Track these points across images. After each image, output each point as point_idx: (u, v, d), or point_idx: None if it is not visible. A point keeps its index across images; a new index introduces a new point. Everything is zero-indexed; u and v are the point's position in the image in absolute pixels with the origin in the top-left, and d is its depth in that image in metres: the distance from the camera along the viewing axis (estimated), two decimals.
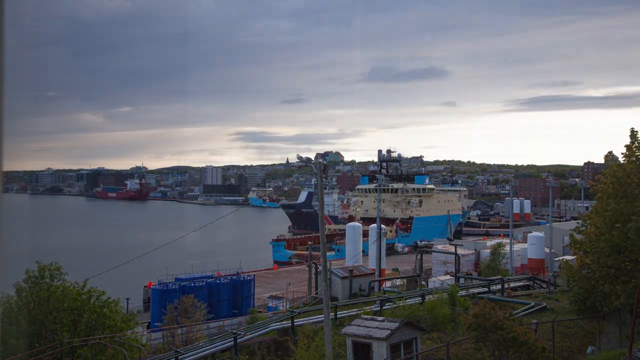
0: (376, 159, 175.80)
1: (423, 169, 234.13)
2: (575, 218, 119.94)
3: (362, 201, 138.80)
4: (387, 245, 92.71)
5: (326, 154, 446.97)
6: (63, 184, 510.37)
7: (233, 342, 30.06)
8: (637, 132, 27.76)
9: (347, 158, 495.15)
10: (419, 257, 56.74)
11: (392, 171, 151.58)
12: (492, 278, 49.30)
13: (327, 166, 36.95)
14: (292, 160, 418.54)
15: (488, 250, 67.25)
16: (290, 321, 34.07)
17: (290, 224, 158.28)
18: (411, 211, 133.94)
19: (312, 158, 25.67)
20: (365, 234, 73.95)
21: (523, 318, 32.95)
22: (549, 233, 65.76)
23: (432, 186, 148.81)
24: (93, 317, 28.79)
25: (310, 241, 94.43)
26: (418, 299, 39.30)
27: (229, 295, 45.05)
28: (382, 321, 25.27)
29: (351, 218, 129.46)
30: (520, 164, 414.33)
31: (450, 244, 74.22)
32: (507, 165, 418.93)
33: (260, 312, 42.25)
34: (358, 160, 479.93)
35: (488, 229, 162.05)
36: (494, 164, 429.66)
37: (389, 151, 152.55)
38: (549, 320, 30.41)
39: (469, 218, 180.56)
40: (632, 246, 25.42)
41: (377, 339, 23.48)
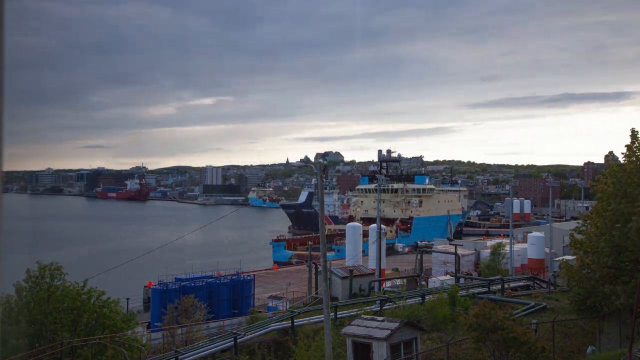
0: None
1: (423, 169, 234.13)
2: (575, 218, 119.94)
3: (362, 201, 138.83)
4: (387, 245, 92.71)
5: (326, 154, 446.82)
6: (63, 184, 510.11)
7: (233, 342, 30.06)
8: (638, 132, 27.76)
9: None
10: (419, 257, 56.74)
11: (392, 171, 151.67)
12: (492, 278, 49.30)
13: (327, 166, 36.89)
14: (292, 160, 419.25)
15: (488, 250, 67.26)
16: (290, 321, 34.07)
17: (290, 224, 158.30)
18: (411, 211, 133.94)
19: (312, 158, 25.66)
20: (365, 234, 73.95)
21: (523, 318, 32.96)
22: (549, 233, 65.76)
23: (432, 186, 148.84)
24: (93, 317, 28.77)
25: (310, 241, 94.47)
26: (418, 299, 39.31)
27: (229, 295, 45.05)
28: (382, 321, 25.26)
29: (351, 218, 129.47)
30: (520, 164, 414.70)
31: (450, 244, 74.22)
32: (507, 165, 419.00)
33: (260, 312, 42.24)
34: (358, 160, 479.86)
35: (488, 229, 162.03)
36: (494, 164, 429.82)
37: (389, 151, 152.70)
38: (549, 320, 30.40)
39: (469, 218, 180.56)
40: (633, 246, 25.41)
41: (377, 339, 23.47)
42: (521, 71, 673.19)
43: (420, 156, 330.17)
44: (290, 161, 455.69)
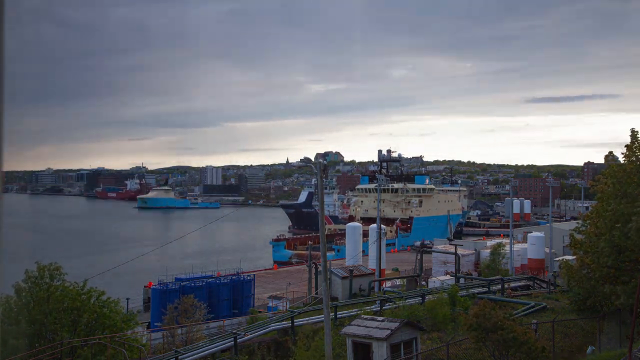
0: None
1: (423, 169, 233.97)
2: (575, 218, 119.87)
3: (362, 201, 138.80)
4: (387, 244, 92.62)
5: (326, 154, 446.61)
6: (63, 184, 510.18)
7: (233, 342, 30.06)
8: (638, 132, 27.77)
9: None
10: (419, 257, 56.72)
11: (392, 171, 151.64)
12: (492, 278, 49.29)
13: (327, 166, 36.89)
14: (292, 160, 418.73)
15: (488, 250, 67.24)
16: (290, 321, 34.08)
17: (290, 224, 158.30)
18: (411, 211, 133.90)
19: (312, 158, 25.68)
20: (365, 234, 73.92)
21: (523, 318, 32.96)
22: (549, 233, 65.75)
23: (433, 186, 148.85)
24: (93, 317, 28.77)
25: (310, 241, 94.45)
26: (418, 299, 39.31)
27: (229, 295, 45.04)
28: (382, 321, 25.25)
29: (351, 218, 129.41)
30: (520, 164, 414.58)
31: (450, 244, 74.21)
32: (507, 165, 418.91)
33: (260, 312, 42.23)
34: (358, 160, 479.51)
35: (488, 229, 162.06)
36: (494, 164, 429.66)
37: (389, 151, 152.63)
38: (549, 320, 30.40)
39: (469, 218, 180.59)
40: (633, 246, 25.40)
41: (377, 339, 23.47)
42: None
43: (420, 156, 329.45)
44: (290, 161, 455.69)
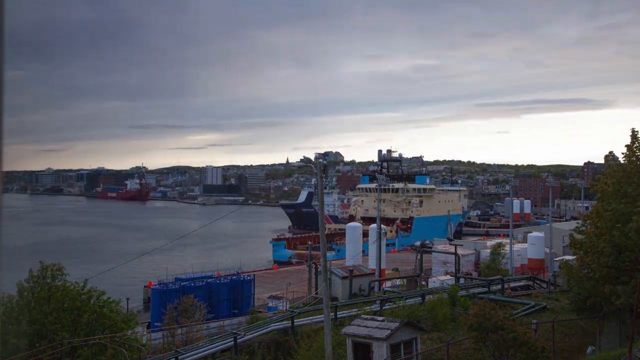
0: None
1: (423, 169, 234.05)
2: (575, 218, 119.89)
3: (363, 201, 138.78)
4: (387, 244, 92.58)
5: (326, 154, 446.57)
6: (63, 184, 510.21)
7: (233, 342, 30.07)
8: (638, 132, 27.77)
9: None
10: (419, 257, 56.73)
11: (393, 171, 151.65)
12: (492, 278, 49.29)
13: (327, 166, 36.93)
14: (292, 160, 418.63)
15: (488, 250, 67.23)
16: (290, 321, 34.08)
17: (290, 224, 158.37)
18: (411, 211, 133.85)
19: (312, 158, 25.68)
20: (365, 234, 73.88)
21: (523, 318, 32.98)
22: (549, 233, 65.75)
23: (433, 186, 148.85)
24: (93, 317, 28.77)
25: (310, 241, 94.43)
26: (418, 299, 39.31)
27: (229, 295, 45.03)
28: (382, 321, 25.25)
29: (351, 218, 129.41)
30: (520, 164, 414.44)
31: (450, 244, 74.19)
32: (507, 165, 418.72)
33: (260, 312, 42.22)
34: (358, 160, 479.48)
35: (488, 229, 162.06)
36: (494, 164, 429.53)
37: (389, 151, 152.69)
38: (549, 320, 30.40)
39: (469, 218, 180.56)
40: (633, 246, 25.40)
41: (377, 339, 23.47)
42: None
43: (420, 156, 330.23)
44: (290, 161, 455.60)
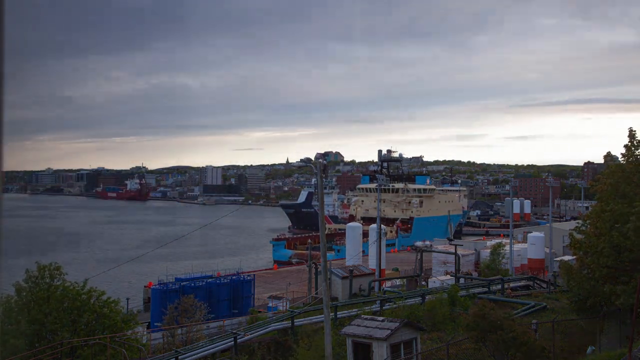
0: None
1: (424, 169, 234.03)
2: (575, 218, 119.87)
3: (363, 201, 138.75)
4: (387, 244, 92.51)
5: (326, 154, 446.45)
6: (63, 184, 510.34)
7: (233, 342, 30.07)
8: (636, 132, 27.80)
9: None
10: (419, 257, 56.73)
11: (393, 171, 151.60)
12: (492, 278, 49.29)
13: (327, 166, 36.95)
14: (292, 160, 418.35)
15: (488, 250, 67.22)
16: (290, 321, 34.08)
17: (290, 224, 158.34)
18: (412, 211, 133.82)
19: (312, 158, 25.70)
20: (365, 234, 73.85)
21: (523, 318, 32.98)
22: (549, 233, 65.75)
23: (433, 186, 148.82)
24: (93, 317, 28.77)
25: (309, 240, 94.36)
26: (418, 299, 39.31)
27: (229, 295, 45.01)
28: (382, 321, 25.26)
29: (351, 218, 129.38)
30: (520, 164, 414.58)
31: (450, 244, 74.18)
32: (507, 165, 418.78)
33: (260, 312, 42.21)
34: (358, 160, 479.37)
35: (488, 229, 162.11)
36: (494, 164, 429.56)
37: (390, 151, 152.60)
38: (549, 320, 30.40)
39: (469, 218, 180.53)
40: (632, 246, 25.41)
41: (377, 339, 23.47)
42: None
43: (420, 156, 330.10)
44: (290, 161, 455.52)
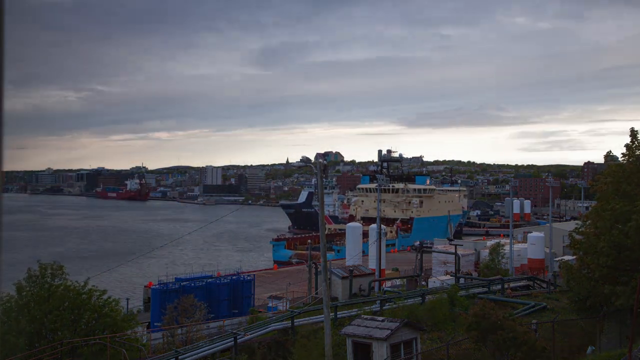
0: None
1: (423, 169, 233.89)
2: (575, 218, 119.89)
3: (363, 201, 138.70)
4: (387, 244, 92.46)
5: (326, 154, 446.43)
6: (63, 184, 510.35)
7: (233, 342, 30.07)
8: (637, 132, 27.79)
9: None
10: (419, 257, 56.72)
11: (393, 171, 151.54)
12: (492, 278, 49.27)
13: (327, 166, 36.95)
14: (292, 160, 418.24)
15: (488, 250, 67.21)
16: (290, 321, 34.08)
17: (290, 224, 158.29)
18: (412, 211, 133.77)
19: (312, 158, 25.70)
20: (365, 234, 73.81)
21: (523, 318, 32.96)
22: (549, 233, 65.73)
23: (433, 186, 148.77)
24: (93, 317, 28.78)
25: (309, 240, 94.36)
26: (418, 299, 39.30)
27: (229, 295, 45.00)
28: (382, 321, 25.26)
29: (351, 218, 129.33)
30: (520, 164, 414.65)
31: (450, 244, 74.17)
32: (507, 165, 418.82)
33: (260, 312, 42.21)
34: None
35: (488, 229, 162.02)
36: (494, 164, 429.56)
37: (389, 151, 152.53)
38: (549, 320, 30.40)
39: (469, 218, 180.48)
40: (632, 246, 25.41)
41: (377, 339, 23.47)
42: None
43: (420, 156, 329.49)
44: (290, 161, 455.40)
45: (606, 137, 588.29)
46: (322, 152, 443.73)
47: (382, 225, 63.97)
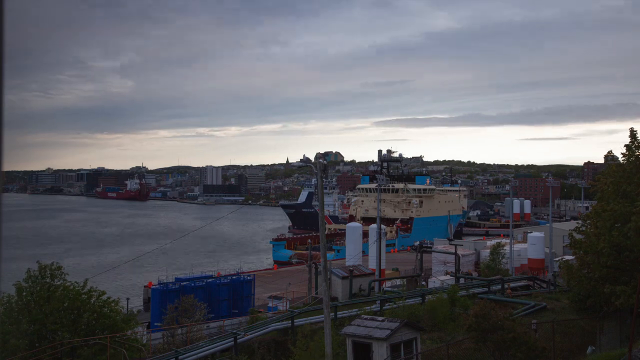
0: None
1: (423, 170, 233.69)
2: (575, 218, 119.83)
3: (363, 201, 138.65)
4: (387, 244, 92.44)
5: (326, 154, 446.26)
6: (63, 184, 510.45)
7: (233, 342, 30.07)
8: (637, 132, 27.80)
9: None
10: (419, 257, 56.74)
11: (393, 171, 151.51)
12: (492, 278, 49.27)
13: (327, 166, 36.95)
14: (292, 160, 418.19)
15: (488, 250, 67.20)
16: (290, 321, 34.08)
17: (290, 224, 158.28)
18: (412, 211, 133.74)
19: (312, 158, 25.71)
20: (365, 234, 73.79)
21: (523, 318, 32.96)
22: (549, 233, 65.73)
23: (433, 187, 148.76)
24: (93, 317, 28.76)
25: (309, 240, 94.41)
26: (418, 299, 39.30)
27: (229, 295, 45.01)
28: (382, 321, 25.24)
29: (351, 218, 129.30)
30: (520, 164, 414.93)
31: (450, 244, 74.16)
32: (507, 165, 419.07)
33: (260, 312, 42.21)
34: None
35: (488, 229, 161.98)
36: (494, 164, 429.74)
37: (389, 151, 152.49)
38: (549, 320, 30.40)
39: (469, 218, 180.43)
40: (632, 246, 25.41)
41: (377, 339, 23.46)
42: None
43: (420, 156, 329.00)
44: (290, 161, 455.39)
45: None
46: (322, 152, 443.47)
47: (382, 225, 63.95)
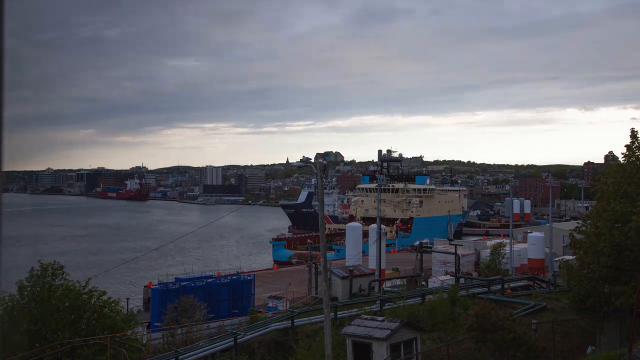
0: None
1: (424, 169, 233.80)
2: (575, 218, 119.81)
3: (363, 201, 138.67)
4: (387, 244, 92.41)
5: (326, 154, 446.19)
6: (63, 184, 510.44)
7: (233, 342, 30.07)
8: (637, 132, 27.79)
9: None
10: (419, 257, 56.73)
11: (393, 171, 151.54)
12: (492, 278, 49.28)
13: (327, 166, 36.99)
14: (292, 160, 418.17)
15: (488, 250, 67.20)
16: (290, 321, 34.09)
17: (290, 224, 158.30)
18: (411, 211, 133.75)
19: (312, 158, 25.71)
20: (365, 234, 73.78)
21: (523, 318, 32.97)
22: (549, 233, 65.73)
23: (433, 187, 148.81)
24: (93, 317, 28.76)
25: (309, 240, 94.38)
26: (418, 299, 39.30)
27: (229, 295, 45.02)
28: (382, 321, 25.24)
29: (351, 218, 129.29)
30: (520, 164, 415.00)
31: (450, 244, 74.16)
32: (507, 165, 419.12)
33: (260, 312, 42.21)
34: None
35: (488, 229, 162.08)
36: (494, 164, 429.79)
37: (390, 151, 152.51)
38: (549, 320, 30.41)
39: (469, 218, 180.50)
40: (632, 246, 25.41)
41: (377, 339, 23.46)
42: None
43: (420, 156, 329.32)
44: (290, 161, 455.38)
45: None
46: (322, 152, 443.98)
47: (382, 225, 63.94)
